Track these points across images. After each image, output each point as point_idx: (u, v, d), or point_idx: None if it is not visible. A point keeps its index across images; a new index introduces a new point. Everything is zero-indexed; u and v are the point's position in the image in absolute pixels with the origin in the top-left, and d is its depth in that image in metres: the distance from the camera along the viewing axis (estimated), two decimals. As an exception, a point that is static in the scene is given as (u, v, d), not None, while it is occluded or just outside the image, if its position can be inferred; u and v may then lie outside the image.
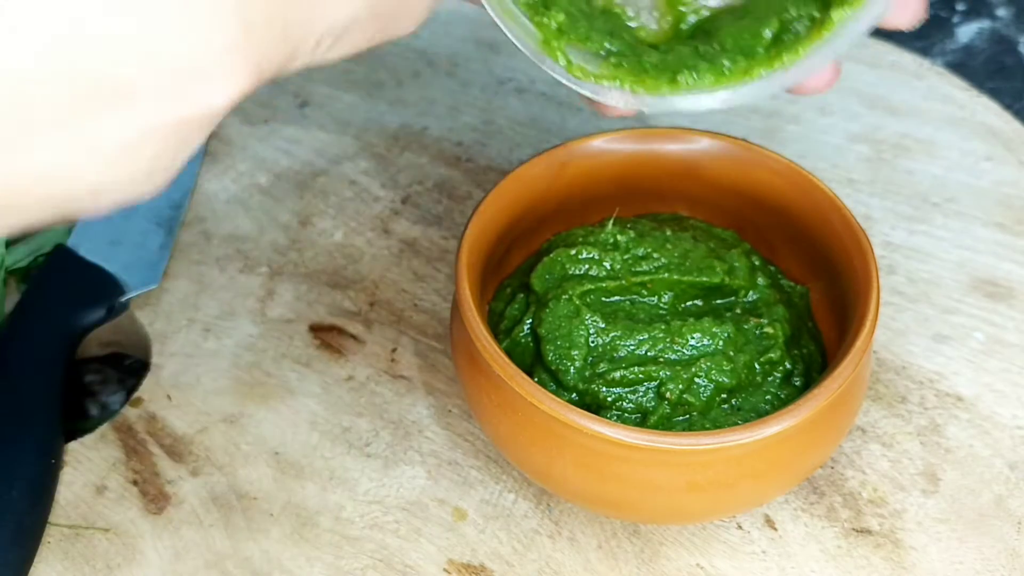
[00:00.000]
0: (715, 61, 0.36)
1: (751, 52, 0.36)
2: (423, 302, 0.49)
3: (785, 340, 0.39)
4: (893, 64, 0.59)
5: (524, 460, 0.38)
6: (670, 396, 0.37)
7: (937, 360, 0.46)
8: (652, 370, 0.38)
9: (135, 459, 0.43)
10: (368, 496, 0.42)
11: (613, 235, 0.41)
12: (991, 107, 0.56)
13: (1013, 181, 0.52)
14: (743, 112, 0.56)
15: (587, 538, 0.41)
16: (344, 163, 0.55)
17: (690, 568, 0.40)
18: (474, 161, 0.55)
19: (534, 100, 0.58)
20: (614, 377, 0.38)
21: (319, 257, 0.51)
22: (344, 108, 0.58)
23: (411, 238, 0.51)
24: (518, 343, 0.40)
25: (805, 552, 0.40)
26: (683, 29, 0.39)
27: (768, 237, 0.43)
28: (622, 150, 0.43)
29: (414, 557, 0.40)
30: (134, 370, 0.49)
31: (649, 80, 0.36)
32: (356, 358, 0.47)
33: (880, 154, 0.54)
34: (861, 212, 0.51)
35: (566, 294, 0.39)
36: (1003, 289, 0.48)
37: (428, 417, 0.45)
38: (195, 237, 0.51)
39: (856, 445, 0.43)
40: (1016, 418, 0.44)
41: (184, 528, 0.41)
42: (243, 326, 0.48)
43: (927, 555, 0.40)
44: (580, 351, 0.38)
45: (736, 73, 0.36)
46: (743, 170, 0.43)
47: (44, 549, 0.41)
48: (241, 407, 0.45)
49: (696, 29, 0.39)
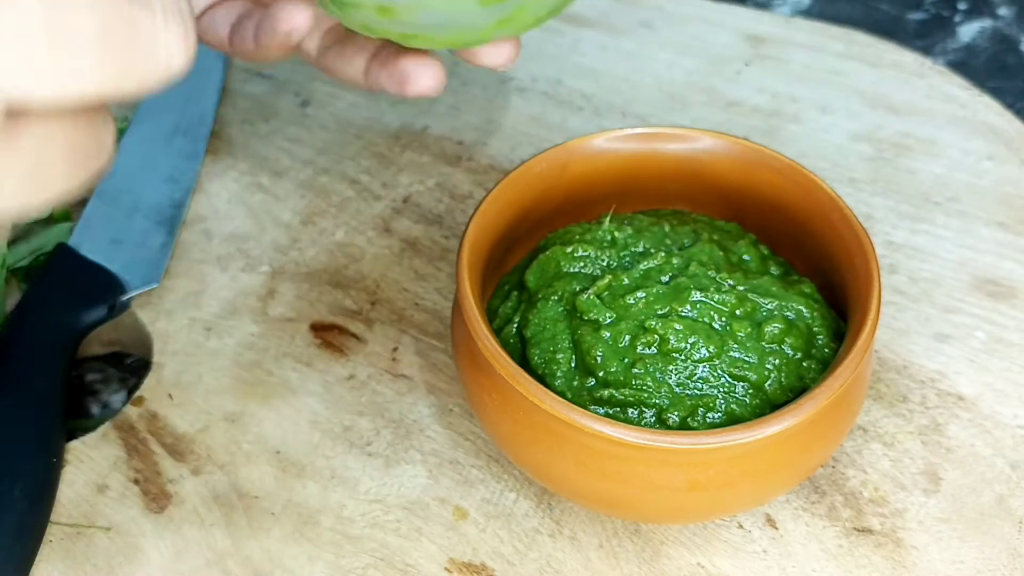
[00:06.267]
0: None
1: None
2: (424, 301, 0.49)
3: (804, 341, 0.38)
4: (894, 63, 0.59)
5: (525, 459, 0.38)
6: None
7: (938, 359, 0.46)
8: (645, 394, 0.37)
9: (136, 458, 0.43)
10: (369, 495, 0.42)
11: (610, 231, 0.41)
12: (993, 106, 0.56)
13: (1015, 180, 0.52)
14: (744, 111, 0.56)
15: (588, 537, 0.41)
16: (345, 162, 0.55)
17: (691, 567, 0.40)
18: (475, 160, 0.55)
19: (535, 99, 0.58)
20: (602, 395, 0.37)
21: (320, 256, 0.51)
22: (345, 107, 0.58)
23: (412, 237, 0.51)
24: (506, 343, 0.40)
25: (806, 551, 0.40)
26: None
27: (769, 236, 0.43)
28: (623, 149, 0.43)
29: (415, 556, 0.40)
30: (135, 369, 0.49)
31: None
32: (357, 357, 0.47)
33: (881, 153, 0.54)
34: (862, 211, 0.51)
35: (556, 294, 0.39)
36: (1004, 288, 0.48)
37: (429, 416, 0.45)
38: (196, 236, 0.51)
39: (857, 444, 0.43)
40: (1017, 417, 0.44)
41: (185, 527, 0.41)
42: (244, 325, 0.48)
43: (928, 554, 0.40)
44: (566, 355, 0.38)
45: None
46: (744, 169, 0.43)
47: (45, 548, 0.41)
48: (242, 406, 0.45)
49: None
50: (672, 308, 0.38)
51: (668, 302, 0.38)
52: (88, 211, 0.51)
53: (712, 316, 0.38)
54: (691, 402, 0.37)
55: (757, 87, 0.58)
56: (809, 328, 0.39)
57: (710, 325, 0.38)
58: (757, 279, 0.39)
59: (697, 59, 0.60)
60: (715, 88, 0.58)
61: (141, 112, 0.56)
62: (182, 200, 0.52)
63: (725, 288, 0.39)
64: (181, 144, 0.55)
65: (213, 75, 0.58)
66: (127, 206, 0.51)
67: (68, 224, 0.51)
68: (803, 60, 0.59)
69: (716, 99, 0.57)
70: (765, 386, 0.37)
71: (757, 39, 0.61)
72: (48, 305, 0.46)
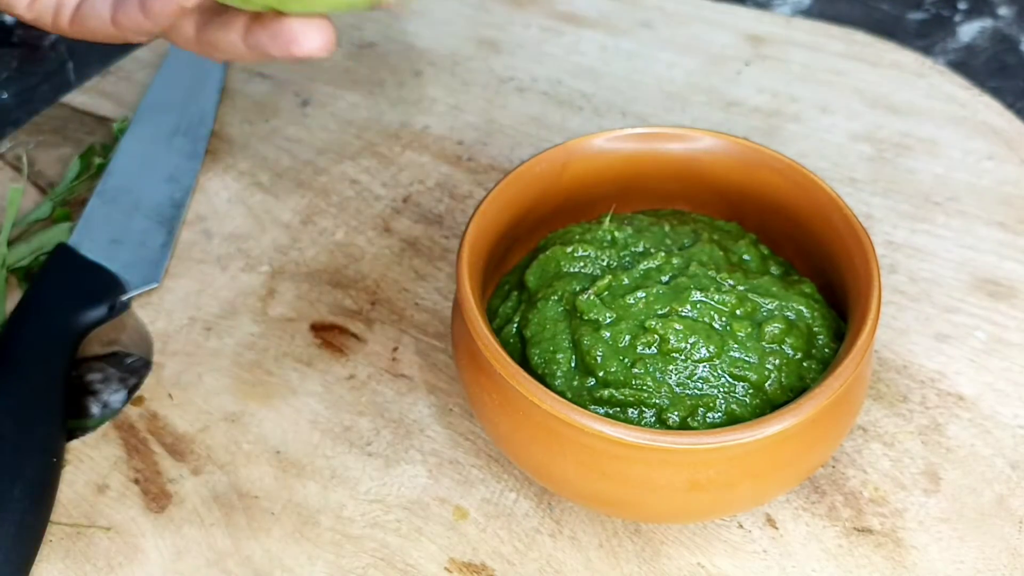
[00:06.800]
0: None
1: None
2: (424, 301, 0.49)
3: (804, 342, 0.38)
4: (895, 63, 0.59)
5: (525, 459, 0.38)
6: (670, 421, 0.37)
7: (938, 359, 0.46)
8: (645, 395, 0.37)
9: (136, 458, 0.43)
10: (369, 495, 0.42)
11: (610, 231, 0.41)
12: (993, 106, 0.56)
13: (1015, 180, 0.52)
14: (744, 111, 0.56)
15: (588, 537, 0.41)
16: (345, 162, 0.55)
17: (691, 567, 0.40)
18: (475, 160, 0.55)
19: (535, 99, 0.58)
20: (602, 395, 0.37)
21: (320, 256, 0.51)
22: (345, 107, 0.58)
23: (412, 237, 0.51)
24: (506, 343, 0.40)
25: (806, 551, 0.40)
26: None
27: (769, 236, 0.43)
28: (623, 149, 0.43)
29: (415, 556, 0.40)
30: (135, 369, 0.49)
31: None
32: (357, 357, 0.47)
33: (882, 153, 0.54)
34: (862, 211, 0.51)
35: (556, 294, 0.39)
36: (1004, 288, 0.48)
37: (429, 416, 0.45)
38: (196, 236, 0.51)
39: (857, 444, 0.43)
40: (1017, 417, 0.44)
41: (185, 527, 0.41)
42: (244, 325, 0.48)
43: (928, 554, 0.40)
44: (565, 355, 0.38)
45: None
46: (744, 169, 0.43)
47: (46, 548, 0.41)
48: (242, 406, 0.45)
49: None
50: (672, 308, 0.38)
51: (668, 302, 0.38)
52: (88, 211, 0.51)
53: (712, 316, 0.38)
54: (691, 402, 0.37)
55: (757, 87, 0.58)
56: (810, 328, 0.39)
57: (710, 325, 0.38)
58: (757, 279, 0.39)
59: (697, 59, 0.60)
60: (715, 88, 0.58)
61: (141, 112, 0.56)
62: (182, 200, 0.52)
63: (725, 288, 0.39)
64: (181, 144, 0.55)
65: (213, 75, 0.58)
66: (127, 206, 0.51)
67: (68, 224, 0.51)
68: (803, 60, 0.59)
69: (716, 99, 0.57)
70: (765, 386, 0.37)
71: (757, 39, 0.61)
72: (48, 305, 0.46)
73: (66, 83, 0.62)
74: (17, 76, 0.63)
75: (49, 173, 0.55)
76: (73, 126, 0.57)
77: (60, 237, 0.50)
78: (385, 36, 0.62)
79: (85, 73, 0.62)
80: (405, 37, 0.62)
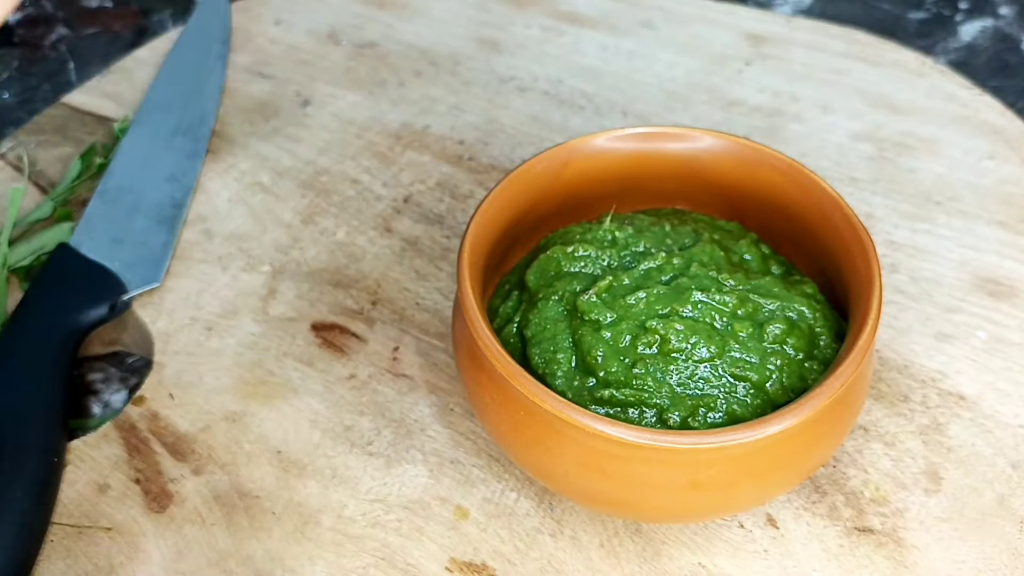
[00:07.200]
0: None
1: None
2: (425, 301, 0.49)
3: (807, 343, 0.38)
4: (896, 62, 0.59)
5: (526, 459, 0.38)
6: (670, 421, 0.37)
7: (939, 359, 0.46)
8: (646, 395, 0.37)
9: (137, 458, 0.43)
10: (370, 495, 0.42)
11: (611, 231, 0.41)
12: (994, 105, 0.56)
13: (1016, 179, 0.52)
14: (745, 111, 0.56)
15: (589, 537, 0.41)
16: (346, 162, 0.55)
17: (692, 567, 0.40)
18: (476, 160, 0.55)
19: (536, 99, 0.58)
20: (602, 395, 0.37)
21: (321, 256, 0.51)
22: (346, 107, 0.58)
23: (413, 237, 0.51)
24: (507, 343, 0.40)
25: (807, 551, 0.40)
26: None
27: (770, 236, 0.43)
28: (624, 149, 0.43)
29: (416, 556, 0.40)
30: (136, 369, 0.49)
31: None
32: (358, 357, 0.47)
33: (882, 152, 0.54)
34: (863, 211, 0.51)
35: (556, 294, 0.39)
36: (1005, 288, 0.48)
37: (430, 416, 0.45)
38: (197, 236, 0.51)
39: (858, 444, 0.43)
40: (1019, 417, 0.44)
41: (186, 527, 0.41)
42: (245, 325, 0.48)
43: (929, 554, 0.40)
44: (566, 355, 0.38)
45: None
46: (745, 169, 0.43)
47: (47, 548, 0.41)
48: (243, 406, 0.45)
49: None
50: (673, 308, 0.38)
51: (669, 302, 0.38)
52: (89, 211, 0.51)
53: (713, 316, 0.38)
54: (692, 402, 0.37)
55: (758, 86, 0.58)
56: (811, 329, 0.39)
57: (711, 325, 0.38)
58: (759, 279, 0.39)
59: (698, 58, 0.60)
60: (716, 87, 0.58)
61: (142, 112, 0.56)
62: (183, 200, 0.52)
63: (726, 288, 0.39)
64: (182, 143, 0.55)
65: (214, 75, 0.58)
66: (128, 206, 0.51)
67: (69, 224, 0.51)
68: (804, 59, 0.59)
69: (717, 98, 0.57)
70: (767, 386, 0.37)
71: (758, 38, 0.61)
72: (49, 305, 0.46)
73: (67, 83, 0.62)
74: (18, 76, 0.63)
75: (50, 173, 0.55)
76: (74, 126, 0.57)
77: (61, 237, 0.50)
78: (386, 36, 0.62)
79: (86, 73, 0.62)
80: (406, 37, 0.62)
